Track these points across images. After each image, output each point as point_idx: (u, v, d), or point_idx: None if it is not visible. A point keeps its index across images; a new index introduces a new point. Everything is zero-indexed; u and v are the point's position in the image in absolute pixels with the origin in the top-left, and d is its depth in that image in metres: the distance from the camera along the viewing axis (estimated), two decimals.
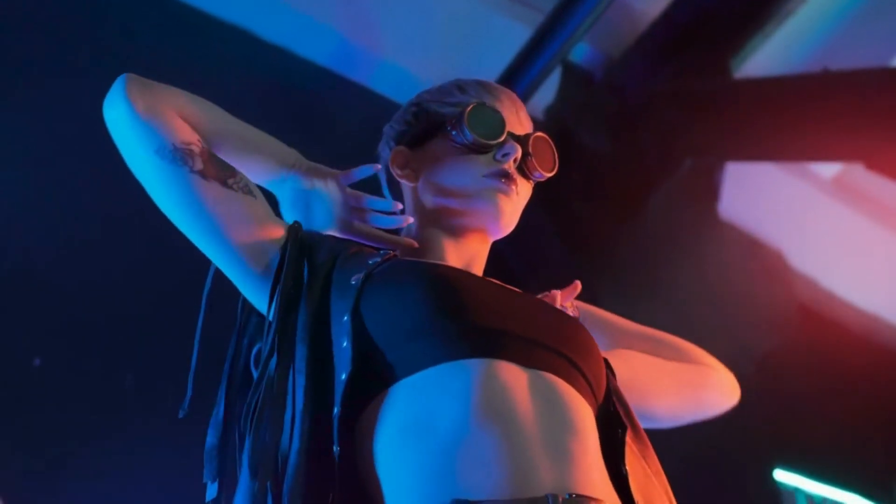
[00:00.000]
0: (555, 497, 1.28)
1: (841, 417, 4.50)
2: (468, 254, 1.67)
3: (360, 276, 1.45)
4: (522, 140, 1.66)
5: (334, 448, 1.32)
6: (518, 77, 3.85)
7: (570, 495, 1.30)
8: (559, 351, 1.44)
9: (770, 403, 4.37)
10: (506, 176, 1.62)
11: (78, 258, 3.07)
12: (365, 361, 1.39)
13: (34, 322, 2.98)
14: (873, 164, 3.91)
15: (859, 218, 5.07)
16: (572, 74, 4.22)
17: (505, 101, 1.69)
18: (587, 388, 1.46)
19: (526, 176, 1.67)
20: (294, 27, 3.70)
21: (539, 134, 1.68)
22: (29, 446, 2.84)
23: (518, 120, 1.69)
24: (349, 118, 3.76)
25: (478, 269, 1.68)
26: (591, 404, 1.46)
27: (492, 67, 3.89)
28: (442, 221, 1.66)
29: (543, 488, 1.29)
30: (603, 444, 1.45)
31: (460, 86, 1.70)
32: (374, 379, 1.39)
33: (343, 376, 1.36)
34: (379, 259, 1.50)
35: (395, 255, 1.56)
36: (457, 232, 1.66)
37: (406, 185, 1.71)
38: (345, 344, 1.39)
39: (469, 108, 1.63)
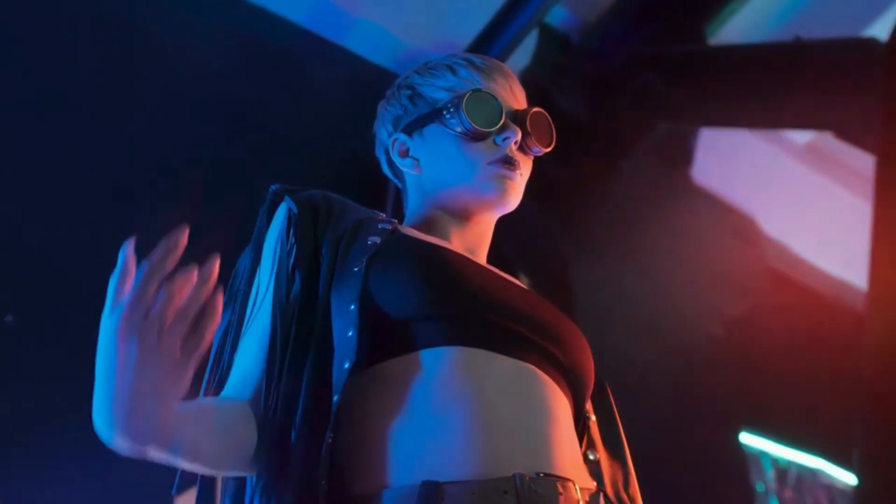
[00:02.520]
0: (522, 476, 1.32)
1: (807, 383, 4.55)
2: (475, 235, 1.69)
3: (363, 261, 1.46)
4: (521, 120, 1.66)
5: (328, 434, 1.34)
6: (494, 39, 3.85)
7: (539, 474, 1.33)
8: (540, 343, 1.47)
9: (738, 367, 4.42)
10: (509, 162, 1.63)
11: (49, 213, 3.06)
12: (367, 345, 1.41)
13: (5, 278, 2.98)
14: (842, 133, 3.94)
15: (831, 185, 5.10)
16: (549, 37, 4.22)
17: (498, 78, 1.69)
18: (563, 381, 1.49)
19: (526, 153, 1.68)
20: None
21: (535, 110, 1.68)
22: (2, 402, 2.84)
23: (513, 96, 1.69)
24: (326, 77, 3.75)
25: (483, 248, 1.70)
26: (568, 396, 1.49)
27: (469, 28, 3.89)
28: (448, 208, 1.67)
29: (512, 469, 1.32)
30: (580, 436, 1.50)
31: (450, 66, 1.69)
32: (368, 359, 1.41)
33: (346, 365, 1.37)
34: (379, 240, 1.50)
35: (395, 229, 1.57)
36: (464, 216, 1.67)
37: (409, 173, 1.72)
38: (350, 333, 1.40)
39: (465, 97, 1.63)
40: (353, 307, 1.41)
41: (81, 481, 2.89)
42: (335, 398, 1.36)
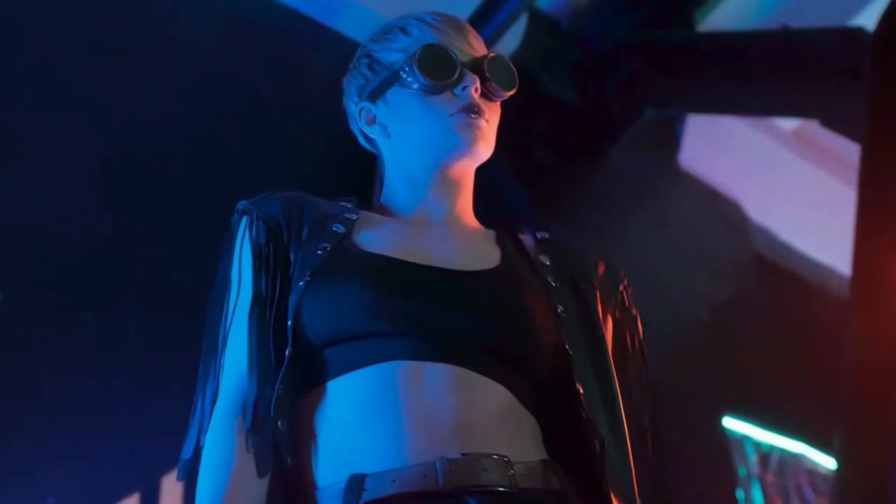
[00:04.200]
0: (443, 459, 1.39)
1: (791, 368, 4.58)
2: (454, 190, 1.69)
3: (307, 276, 1.51)
4: (478, 66, 1.65)
5: (279, 423, 1.45)
6: (484, 22, 3.85)
7: (463, 455, 1.39)
8: (470, 340, 1.49)
9: (722, 351, 4.45)
10: (470, 109, 1.62)
11: (44, 199, 3.07)
12: (301, 356, 1.49)
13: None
14: (828, 121, 3.96)
15: (818, 171, 5.13)
16: (539, 21, 4.22)
17: (450, 31, 1.67)
18: (494, 369, 1.49)
19: (490, 98, 1.67)
20: None
21: (492, 55, 1.67)
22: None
23: (468, 45, 1.68)
24: (315, 58, 3.75)
25: (463, 203, 1.70)
26: (505, 382, 1.49)
27: (459, 11, 3.83)
28: (424, 167, 1.67)
29: (434, 455, 1.39)
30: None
31: (401, 27, 1.69)
32: (307, 378, 1.49)
33: (277, 387, 1.46)
34: (329, 247, 1.55)
35: (349, 232, 1.59)
36: (440, 172, 1.67)
37: (380, 140, 1.72)
38: (290, 323, 1.49)
39: (416, 55, 1.63)
40: (289, 325, 1.49)
41: (70, 465, 2.91)
42: (276, 387, 1.46)
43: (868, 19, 3.84)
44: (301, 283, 1.51)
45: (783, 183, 5.04)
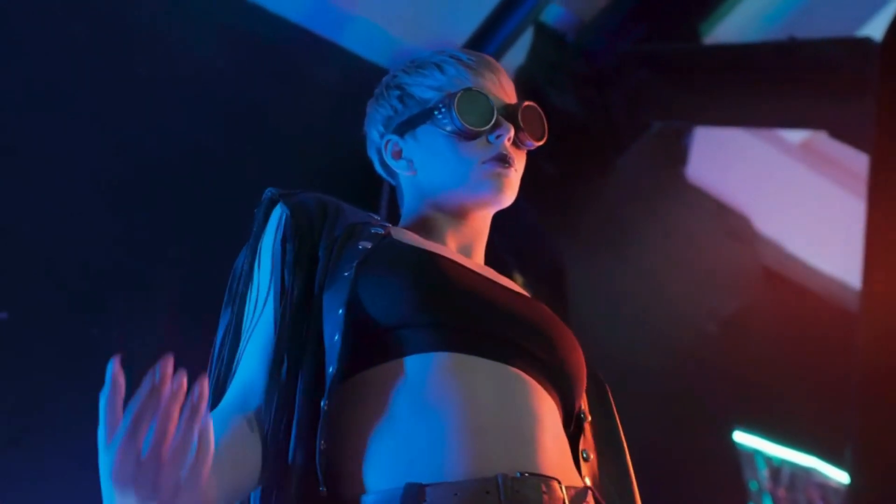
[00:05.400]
0: (505, 476, 1.32)
1: (801, 381, 4.56)
2: (472, 232, 1.69)
3: (353, 265, 1.46)
4: (512, 115, 1.65)
5: (318, 442, 1.36)
6: (490, 36, 3.85)
7: (522, 474, 1.34)
8: (526, 347, 1.47)
9: (731, 365, 4.43)
10: (503, 159, 1.63)
11: (45, 211, 3.06)
12: (353, 350, 1.42)
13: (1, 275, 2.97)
14: (836, 132, 3.94)
15: (825, 183, 5.12)
16: (544, 35, 4.22)
17: (486, 74, 1.68)
18: (550, 383, 1.49)
19: (519, 147, 1.67)
20: None
21: (526, 104, 1.67)
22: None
23: (503, 90, 1.69)
24: (320, 74, 3.75)
25: (480, 245, 1.71)
26: (555, 398, 1.49)
27: (464, 26, 3.89)
28: (444, 208, 1.67)
29: (494, 470, 1.33)
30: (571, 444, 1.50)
31: (437, 64, 1.69)
32: (354, 365, 1.42)
33: (331, 370, 1.39)
34: (370, 245, 1.51)
35: (388, 234, 1.57)
36: (460, 215, 1.67)
37: (404, 174, 1.71)
38: (336, 338, 1.41)
39: (456, 97, 1.62)
40: (340, 311, 1.42)
41: (78, 479, 2.89)
42: (322, 404, 1.37)
43: (876, 30, 3.83)
44: (347, 274, 1.45)
45: (791, 195, 5.03)
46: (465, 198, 1.65)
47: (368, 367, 1.42)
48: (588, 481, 1.47)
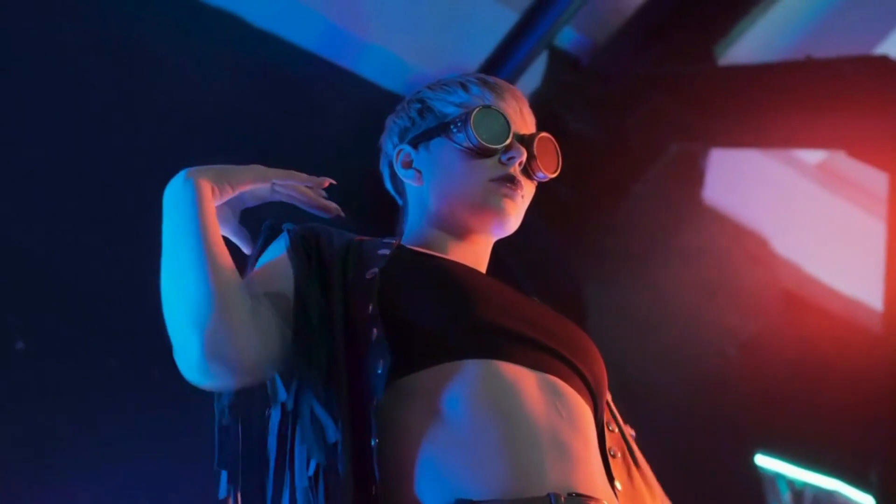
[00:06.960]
0: (556, 496, 1.31)
1: (822, 403, 4.53)
2: (473, 253, 1.68)
3: (376, 269, 1.46)
4: (527, 142, 1.65)
5: (372, 441, 1.34)
6: (504, 61, 3.86)
7: (572, 494, 1.33)
8: (561, 354, 1.47)
9: (752, 388, 4.40)
10: (511, 181, 1.62)
11: (64, 240, 3.07)
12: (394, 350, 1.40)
13: (18, 304, 2.98)
14: (855, 152, 3.93)
15: (843, 204, 5.09)
16: (558, 59, 4.22)
17: (509, 99, 1.68)
18: (587, 392, 1.50)
19: (530, 177, 1.67)
20: (281, 11, 3.70)
21: (543, 135, 1.67)
22: (13, 433, 2.83)
23: (522, 118, 1.69)
24: (335, 102, 3.76)
25: (481, 268, 1.70)
26: (591, 407, 1.49)
27: (478, 51, 3.89)
28: (448, 223, 1.67)
29: (545, 488, 1.31)
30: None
31: (463, 83, 1.69)
32: (392, 370, 1.40)
33: (379, 371, 1.36)
34: (388, 252, 1.51)
35: (400, 245, 1.57)
36: (462, 233, 1.67)
37: (411, 185, 1.71)
38: (376, 334, 1.39)
39: (474, 112, 1.62)
40: (371, 308, 1.41)
41: None
42: (374, 402, 1.35)
43: (892, 47, 3.83)
44: (369, 276, 1.45)
45: (809, 216, 5.00)
46: (468, 213, 1.65)
47: (407, 373, 1.40)
48: (619, 486, 1.47)
